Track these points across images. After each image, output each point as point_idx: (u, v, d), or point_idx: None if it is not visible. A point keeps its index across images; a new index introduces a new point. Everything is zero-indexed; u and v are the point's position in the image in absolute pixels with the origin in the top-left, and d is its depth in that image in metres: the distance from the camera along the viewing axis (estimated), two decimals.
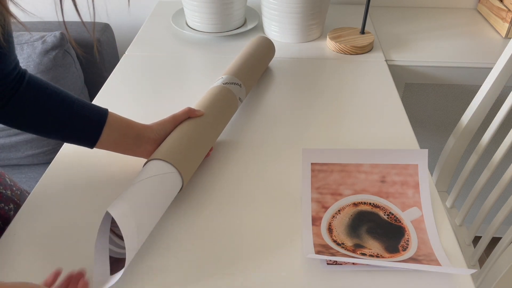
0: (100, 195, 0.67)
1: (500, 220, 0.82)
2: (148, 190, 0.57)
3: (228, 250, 0.59)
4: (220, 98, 0.74)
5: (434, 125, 1.19)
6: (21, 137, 1.19)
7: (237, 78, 0.79)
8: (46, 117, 0.61)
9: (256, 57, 0.88)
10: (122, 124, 0.65)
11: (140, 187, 0.57)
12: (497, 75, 0.86)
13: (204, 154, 0.69)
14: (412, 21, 1.23)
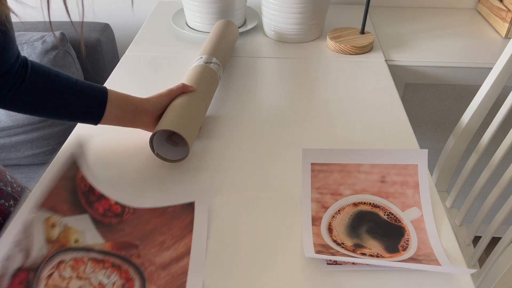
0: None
1: (500, 220, 0.82)
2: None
3: (228, 250, 0.59)
4: (205, 76, 0.80)
5: (434, 125, 1.19)
6: (21, 137, 1.19)
7: (215, 58, 0.86)
8: (53, 100, 0.64)
9: (225, 38, 0.94)
10: (122, 99, 0.70)
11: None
12: (497, 75, 0.86)
13: (200, 125, 0.75)
14: (412, 21, 1.23)
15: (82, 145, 0.63)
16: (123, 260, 0.56)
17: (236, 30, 1.00)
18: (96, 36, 1.24)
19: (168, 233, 0.59)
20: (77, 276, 0.53)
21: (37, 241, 0.53)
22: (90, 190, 0.61)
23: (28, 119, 1.16)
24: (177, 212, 0.62)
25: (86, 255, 0.55)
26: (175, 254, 0.57)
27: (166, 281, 0.53)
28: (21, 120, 1.16)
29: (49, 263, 0.52)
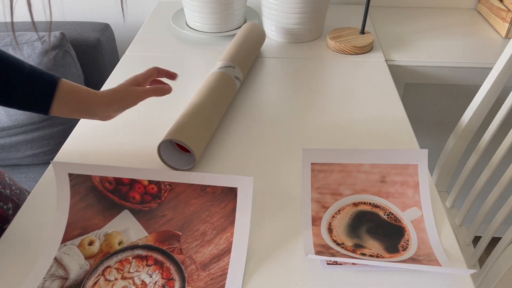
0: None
1: (500, 220, 0.82)
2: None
3: None
4: (219, 83, 0.79)
5: (434, 125, 1.19)
6: (21, 137, 1.19)
7: (229, 61, 0.85)
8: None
9: (244, 40, 0.93)
10: (72, 97, 0.62)
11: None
12: (497, 75, 0.86)
13: (210, 133, 0.73)
14: (412, 21, 1.23)
15: (61, 164, 0.62)
16: (166, 256, 0.57)
17: (262, 32, 0.99)
18: (96, 36, 1.24)
19: (210, 222, 0.59)
20: (122, 276, 0.55)
21: (75, 264, 0.55)
22: (118, 182, 0.61)
23: (28, 119, 1.16)
24: (217, 194, 0.60)
25: (131, 253, 0.58)
26: (215, 251, 0.57)
27: (205, 282, 0.55)
28: (21, 120, 1.16)
29: (94, 273, 0.56)
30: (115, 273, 0.55)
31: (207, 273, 0.56)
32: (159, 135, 0.76)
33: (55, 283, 0.54)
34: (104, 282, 0.54)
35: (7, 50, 1.12)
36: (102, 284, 0.54)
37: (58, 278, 0.55)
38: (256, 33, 0.97)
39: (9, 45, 1.13)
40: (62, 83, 0.61)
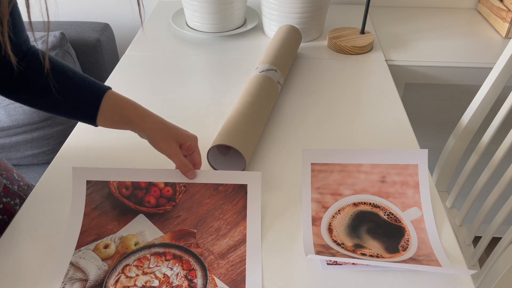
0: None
1: (500, 220, 0.82)
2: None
3: None
4: (261, 85, 0.80)
5: (434, 125, 1.19)
6: (21, 137, 1.19)
7: (271, 65, 0.85)
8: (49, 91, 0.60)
9: (283, 43, 0.93)
10: (115, 115, 0.63)
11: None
12: (497, 75, 0.86)
13: (258, 137, 0.74)
14: (412, 21, 1.23)
15: (80, 169, 0.64)
16: (183, 250, 0.58)
17: (297, 34, 0.99)
18: (96, 36, 1.24)
19: (223, 218, 0.62)
20: (143, 272, 0.56)
21: (93, 266, 0.56)
22: (135, 187, 0.63)
23: (28, 119, 1.16)
24: (229, 192, 0.64)
25: (148, 251, 0.58)
26: (231, 242, 0.59)
27: (226, 269, 0.56)
28: (21, 120, 1.16)
29: (114, 272, 0.56)
30: (135, 270, 0.56)
31: (226, 261, 0.57)
32: None
33: (75, 285, 0.54)
34: (126, 279, 0.55)
35: None
36: (124, 281, 0.55)
37: (77, 281, 0.55)
38: (295, 38, 0.97)
39: None
40: (107, 97, 0.62)
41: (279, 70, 0.86)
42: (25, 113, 1.16)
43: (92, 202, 0.62)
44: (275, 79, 0.83)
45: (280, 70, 0.86)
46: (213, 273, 0.56)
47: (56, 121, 1.21)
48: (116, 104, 0.62)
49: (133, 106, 0.63)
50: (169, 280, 0.55)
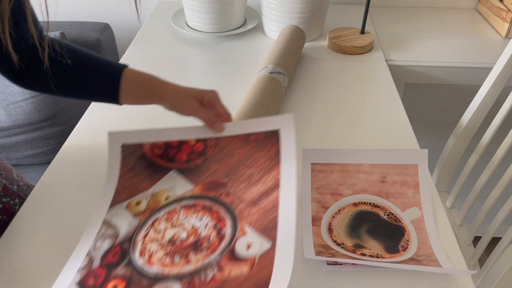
0: (99, 194, 0.67)
1: (500, 220, 0.82)
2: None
3: None
4: (269, 87, 0.79)
5: (434, 125, 1.19)
6: (21, 137, 1.19)
7: (280, 68, 0.84)
8: (70, 76, 0.62)
9: (292, 46, 0.93)
10: (137, 91, 0.64)
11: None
12: (497, 75, 0.86)
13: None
14: (412, 21, 1.23)
15: (115, 134, 0.65)
16: (213, 201, 0.58)
17: (303, 37, 0.99)
18: (96, 36, 1.24)
19: (255, 166, 0.60)
20: (171, 225, 0.57)
21: (124, 222, 0.58)
22: (167, 146, 0.64)
23: (28, 119, 1.16)
24: (260, 140, 0.61)
25: (178, 205, 0.59)
26: (263, 188, 0.57)
27: (257, 216, 0.55)
28: (21, 120, 1.16)
29: (143, 227, 0.57)
30: (164, 224, 0.57)
31: (257, 208, 0.56)
32: None
33: (106, 241, 0.56)
34: (155, 233, 0.56)
35: None
36: (152, 235, 0.56)
37: (108, 237, 0.57)
38: (301, 40, 0.97)
39: None
40: (125, 74, 0.63)
41: (286, 74, 0.86)
42: (25, 113, 1.16)
43: (126, 165, 0.64)
44: (282, 82, 0.83)
45: (287, 75, 0.86)
46: (243, 221, 0.55)
47: (56, 121, 1.21)
48: (135, 82, 0.64)
49: (150, 79, 0.65)
50: (197, 231, 0.55)
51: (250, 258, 0.51)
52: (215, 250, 0.53)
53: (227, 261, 0.52)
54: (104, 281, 0.52)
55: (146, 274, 0.53)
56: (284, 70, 0.86)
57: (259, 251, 0.51)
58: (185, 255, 0.54)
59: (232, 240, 0.54)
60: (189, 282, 0.51)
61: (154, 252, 0.55)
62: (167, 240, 0.55)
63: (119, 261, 0.54)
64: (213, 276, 0.51)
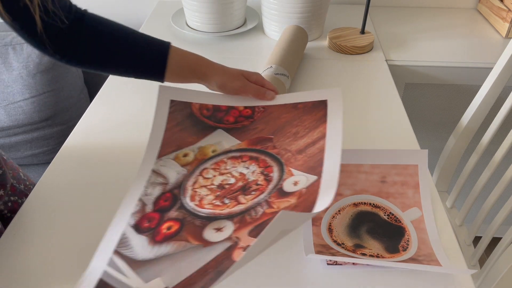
0: (100, 194, 0.67)
1: (500, 220, 0.82)
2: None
3: None
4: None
5: (434, 125, 1.19)
6: (20, 137, 1.19)
7: (284, 69, 0.85)
8: (113, 50, 0.62)
9: (295, 47, 0.93)
10: (183, 69, 0.66)
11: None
12: (497, 75, 0.86)
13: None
14: (412, 21, 1.23)
15: (166, 88, 0.67)
16: (260, 152, 0.60)
17: (305, 38, 0.99)
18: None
19: (301, 125, 0.62)
20: (220, 173, 0.60)
21: (172, 172, 0.60)
22: (215, 109, 0.67)
23: (28, 119, 1.16)
24: (308, 108, 0.64)
25: (225, 156, 0.62)
26: (310, 140, 0.59)
27: (304, 161, 0.57)
28: (21, 120, 1.16)
29: (192, 175, 0.60)
30: (212, 172, 0.60)
31: (303, 155, 0.58)
32: None
33: (156, 188, 0.59)
34: (203, 180, 0.58)
35: (6, 50, 1.12)
36: (202, 182, 0.58)
37: (158, 184, 0.59)
38: (304, 42, 0.97)
39: (9, 45, 1.13)
40: (172, 52, 0.64)
41: (290, 77, 0.86)
42: (25, 113, 1.16)
43: (173, 120, 0.66)
44: (285, 84, 0.83)
45: (290, 77, 0.86)
46: (289, 167, 0.57)
47: (56, 121, 1.21)
48: (182, 60, 0.66)
49: (197, 60, 0.67)
50: (245, 177, 0.58)
51: (297, 191, 0.54)
52: (264, 191, 0.56)
53: (275, 198, 0.55)
54: (158, 224, 0.55)
55: (198, 215, 0.55)
56: (288, 72, 0.85)
57: (305, 184, 0.54)
58: (234, 197, 0.56)
59: (279, 181, 0.56)
60: (240, 220, 0.53)
61: (204, 196, 0.57)
62: (216, 186, 0.58)
63: (171, 205, 0.57)
64: (264, 211, 0.54)
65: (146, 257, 0.51)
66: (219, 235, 0.52)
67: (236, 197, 0.56)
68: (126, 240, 0.53)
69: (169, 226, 0.55)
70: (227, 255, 0.50)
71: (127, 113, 0.84)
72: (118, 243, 0.53)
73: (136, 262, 0.51)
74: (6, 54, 1.12)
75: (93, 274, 0.50)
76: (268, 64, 0.86)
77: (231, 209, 0.55)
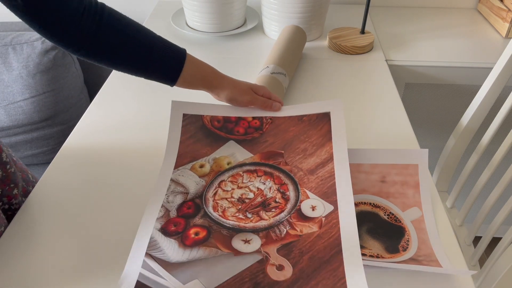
0: (100, 194, 0.67)
1: (500, 220, 0.82)
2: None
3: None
4: (270, 87, 0.80)
5: (434, 125, 1.19)
6: (20, 137, 1.19)
7: (282, 68, 0.85)
8: (129, 48, 0.62)
9: (293, 46, 0.93)
10: (195, 78, 0.68)
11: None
12: (497, 75, 0.86)
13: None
14: (412, 21, 1.23)
15: (178, 103, 0.72)
16: (273, 168, 0.63)
17: (304, 37, 0.99)
18: None
19: (308, 141, 0.66)
20: (238, 186, 0.62)
21: (191, 182, 0.62)
22: (226, 120, 0.71)
23: (28, 119, 1.16)
24: (313, 120, 0.69)
25: (240, 169, 0.65)
26: (319, 160, 0.63)
27: (316, 183, 0.60)
28: (21, 120, 1.16)
29: (211, 187, 0.63)
30: (230, 185, 0.63)
31: (315, 176, 0.61)
32: (160, 133, 0.76)
33: (177, 197, 0.61)
34: (223, 192, 0.61)
35: (6, 50, 1.12)
36: (221, 194, 0.61)
37: (179, 193, 0.62)
38: (302, 41, 0.98)
39: (9, 45, 1.13)
40: (188, 61, 0.66)
41: (287, 75, 0.86)
42: (25, 113, 1.16)
43: (187, 132, 0.70)
44: (283, 83, 0.83)
45: (288, 75, 0.86)
46: (303, 187, 0.60)
47: (56, 121, 1.21)
48: (196, 70, 0.68)
49: (211, 71, 0.70)
50: (263, 192, 0.60)
51: (317, 218, 0.58)
52: (283, 210, 0.59)
53: (296, 220, 0.58)
54: (185, 228, 0.58)
55: (224, 225, 0.58)
56: (285, 70, 0.85)
57: (323, 212, 0.58)
58: (256, 212, 0.59)
59: (297, 202, 0.59)
60: (266, 235, 0.56)
61: (226, 208, 0.60)
62: (236, 199, 0.60)
63: (194, 213, 0.60)
64: (287, 232, 0.56)
65: (179, 260, 0.54)
66: (248, 246, 0.55)
67: (258, 213, 0.59)
68: (156, 242, 0.56)
69: (196, 231, 0.57)
70: (261, 268, 0.53)
71: (127, 113, 0.84)
72: (148, 246, 0.55)
73: (170, 264, 0.54)
74: (6, 54, 1.12)
75: (129, 276, 0.52)
76: (265, 65, 0.86)
77: (254, 224, 0.58)
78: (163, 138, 0.71)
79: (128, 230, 0.60)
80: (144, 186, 0.67)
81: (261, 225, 0.58)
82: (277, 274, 0.52)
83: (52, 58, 1.13)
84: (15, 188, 0.67)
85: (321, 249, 0.54)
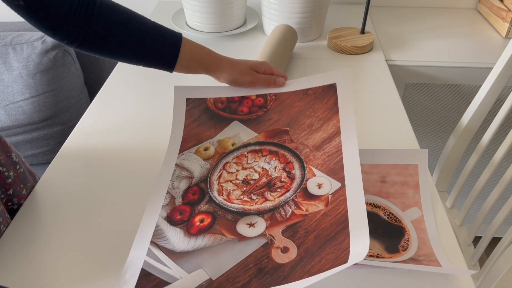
0: (100, 194, 0.67)
1: (500, 220, 0.82)
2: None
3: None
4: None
5: (434, 125, 1.19)
6: (21, 137, 1.19)
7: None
8: (124, 37, 0.62)
9: (280, 42, 0.94)
10: (192, 62, 0.67)
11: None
12: (497, 75, 0.86)
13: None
14: (412, 21, 1.23)
15: (181, 88, 0.71)
16: (278, 146, 0.62)
17: (295, 36, 0.99)
18: None
19: (314, 116, 0.64)
20: (242, 167, 0.62)
21: (196, 165, 0.62)
22: (229, 101, 0.70)
23: (28, 119, 1.16)
24: (318, 93, 0.66)
25: (245, 150, 0.64)
26: (325, 135, 0.62)
27: (323, 160, 0.59)
28: (21, 120, 1.16)
29: (216, 169, 0.62)
30: (235, 166, 0.62)
31: (321, 152, 0.60)
32: (160, 133, 0.76)
33: (183, 182, 0.61)
34: (227, 174, 0.60)
35: (6, 50, 1.12)
36: (226, 176, 0.60)
37: (184, 178, 0.62)
38: (292, 38, 0.98)
39: (9, 45, 1.13)
40: (184, 45, 0.66)
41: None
42: (25, 113, 1.16)
43: (191, 116, 0.69)
44: None
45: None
46: (310, 164, 0.59)
47: (56, 121, 1.21)
48: (193, 53, 0.67)
49: (208, 53, 0.69)
50: (268, 173, 0.59)
51: (323, 196, 0.55)
52: (289, 189, 0.58)
53: (301, 199, 0.57)
54: (191, 216, 0.57)
55: (229, 209, 0.57)
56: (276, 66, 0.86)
57: (330, 190, 0.56)
58: (261, 193, 0.58)
59: (303, 180, 0.58)
60: (271, 217, 0.55)
61: (231, 191, 0.59)
62: (241, 181, 0.60)
63: (199, 199, 0.59)
64: (293, 212, 0.56)
65: (184, 249, 0.54)
66: (252, 230, 0.55)
67: (263, 194, 0.58)
68: (161, 231, 0.56)
69: (201, 218, 0.57)
70: (266, 253, 0.52)
71: (127, 113, 0.84)
72: (154, 234, 0.55)
73: (175, 254, 0.54)
74: (6, 54, 1.12)
75: (134, 264, 0.52)
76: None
77: (259, 206, 0.57)
78: (163, 138, 0.71)
79: (129, 229, 0.60)
80: (144, 186, 0.67)
81: (266, 206, 0.57)
82: (281, 257, 0.52)
83: (52, 58, 1.13)
84: (24, 188, 0.67)
85: (327, 227, 0.53)
